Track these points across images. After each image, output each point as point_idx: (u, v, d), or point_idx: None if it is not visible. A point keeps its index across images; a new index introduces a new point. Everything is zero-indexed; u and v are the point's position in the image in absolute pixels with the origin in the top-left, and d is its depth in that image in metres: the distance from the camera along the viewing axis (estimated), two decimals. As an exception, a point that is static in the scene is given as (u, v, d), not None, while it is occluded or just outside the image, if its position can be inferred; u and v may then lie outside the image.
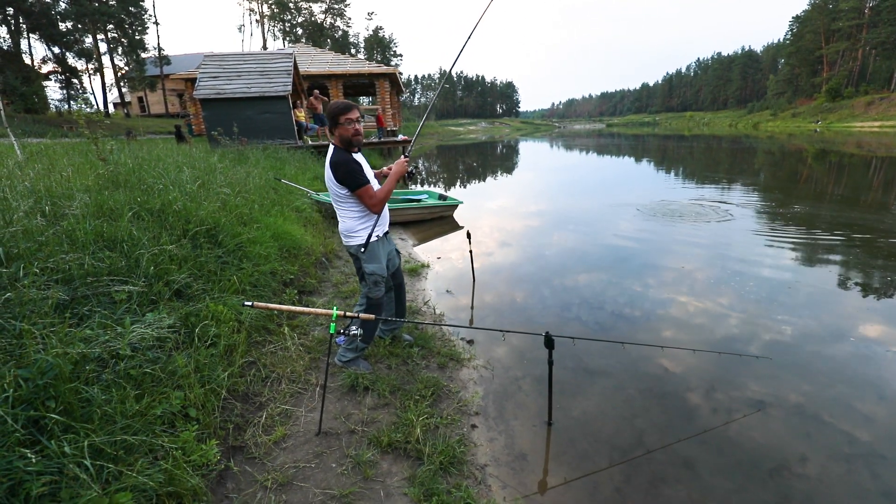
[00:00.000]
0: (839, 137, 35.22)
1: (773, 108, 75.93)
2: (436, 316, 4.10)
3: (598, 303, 4.53)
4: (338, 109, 2.64)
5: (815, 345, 3.63)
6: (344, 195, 2.71)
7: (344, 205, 2.78)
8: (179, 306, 2.81)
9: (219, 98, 12.14)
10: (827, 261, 5.78)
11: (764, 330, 3.88)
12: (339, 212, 2.85)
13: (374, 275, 2.89)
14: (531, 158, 26.67)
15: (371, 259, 2.86)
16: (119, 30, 37.70)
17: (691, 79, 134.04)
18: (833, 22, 66.77)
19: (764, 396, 2.99)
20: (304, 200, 7.00)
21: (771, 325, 3.97)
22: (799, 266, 5.57)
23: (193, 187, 4.06)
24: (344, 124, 2.63)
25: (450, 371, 3.17)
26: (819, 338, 3.75)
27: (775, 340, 3.70)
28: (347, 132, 2.64)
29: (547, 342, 2.49)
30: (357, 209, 2.76)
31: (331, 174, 2.67)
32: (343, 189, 2.68)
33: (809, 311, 4.24)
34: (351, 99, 30.02)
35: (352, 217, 2.80)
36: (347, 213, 2.80)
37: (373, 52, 68.35)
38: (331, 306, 3.98)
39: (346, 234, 2.86)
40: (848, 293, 4.71)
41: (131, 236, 3.04)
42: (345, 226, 2.85)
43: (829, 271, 5.35)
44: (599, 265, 5.74)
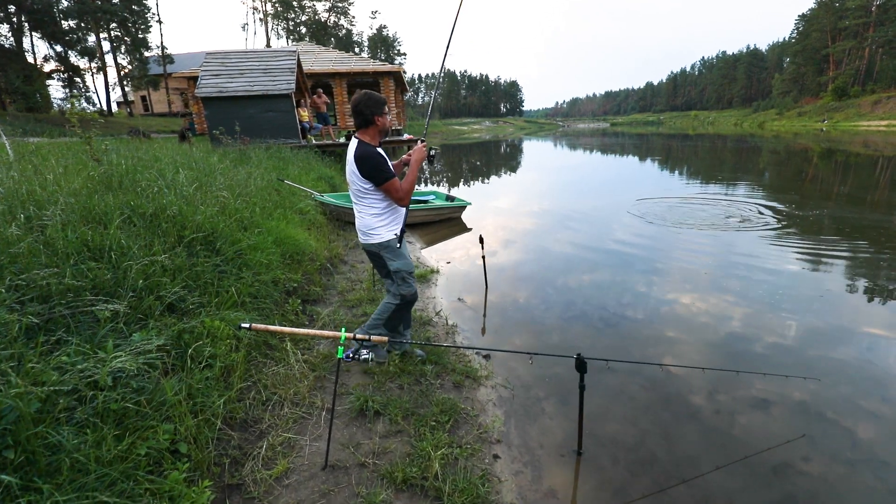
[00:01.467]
0: (846, 137, 34.77)
1: (778, 107, 75.24)
2: (448, 327, 3.84)
3: (619, 313, 4.26)
4: (381, 100, 2.63)
5: (868, 365, 3.33)
6: (368, 190, 2.65)
7: (366, 200, 2.70)
8: (173, 322, 2.57)
9: (221, 96, 11.89)
10: (861, 270, 5.48)
11: (810, 348, 3.57)
12: (360, 208, 2.75)
13: (401, 271, 2.84)
14: (536, 158, 26.36)
15: (397, 255, 2.81)
16: (122, 28, 37.54)
17: (696, 78, 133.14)
18: (840, 20, 66.09)
19: (811, 422, 2.72)
20: (308, 202, 6.75)
21: (816, 342, 3.66)
22: (834, 277, 5.23)
23: (190, 190, 3.81)
24: (386, 114, 2.66)
25: (466, 391, 2.91)
26: (872, 358, 3.44)
27: (823, 359, 3.40)
28: (387, 122, 2.68)
29: (579, 365, 2.23)
30: (380, 205, 2.70)
31: (355, 168, 2.61)
32: (368, 183, 2.62)
33: (857, 327, 3.95)
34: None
35: (373, 213, 2.73)
36: (369, 209, 2.72)
37: (377, 51, 68.09)
38: (336, 317, 3.75)
39: (366, 230, 2.78)
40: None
41: (120, 245, 2.79)
42: (364, 222, 2.77)
43: (870, 282, 5.01)
44: (616, 271, 5.47)
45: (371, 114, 2.62)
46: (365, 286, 4.56)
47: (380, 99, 2.65)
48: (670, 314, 4.23)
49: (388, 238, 2.78)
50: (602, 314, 4.26)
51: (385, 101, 2.68)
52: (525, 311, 4.34)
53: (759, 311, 4.22)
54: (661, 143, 33.89)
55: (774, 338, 3.73)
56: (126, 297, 2.39)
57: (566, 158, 24.92)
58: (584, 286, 5.00)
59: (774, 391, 2.98)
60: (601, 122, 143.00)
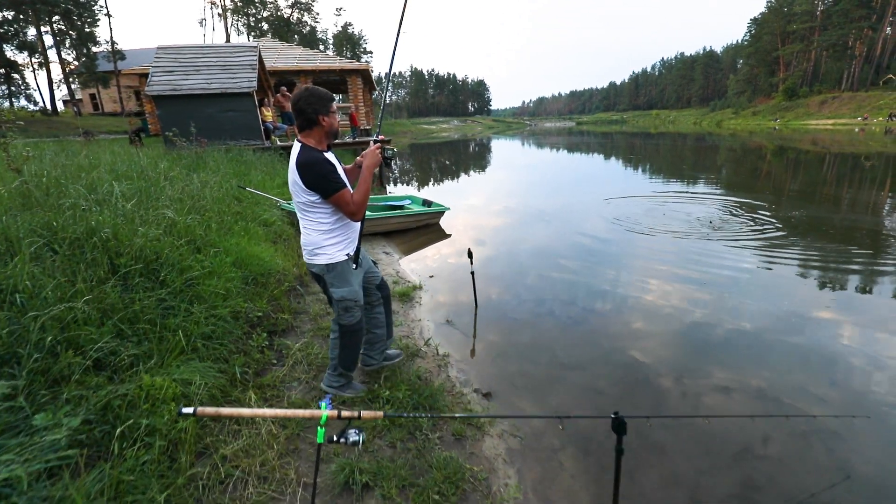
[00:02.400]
0: (796, 135, 36.48)
1: (734, 106, 78.59)
2: (440, 359, 3.38)
3: (632, 336, 3.92)
4: (327, 96, 2.24)
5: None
6: (314, 203, 2.25)
7: (311, 214, 2.31)
8: (100, 384, 2.01)
9: (175, 95, 10.95)
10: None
11: (854, 381, 3.20)
12: (304, 222, 2.36)
13: (344, 300, 2.43)
14: (507, 157, 26.19)
15: (342, 281, 2.39)
16: (66, 21, 34.95)
17: (656, 78, 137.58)
18: (788, 24, 69.62)
19: (872, 463, 2.43)
20: (274, 211, 6.14)
21: (860, 373, 3.27)
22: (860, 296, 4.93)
23: (128, 206, 3.19)
24: (334, 113, 2.27)
25: (469, 443, 2.47)
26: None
27: (868, 394, 3.04)
28: (335, 123, 2.29)
29: (616, 426, 1.82)
30: (328, 219, 2.31)
31: (297, 177, 2.21)
32: (314, 195, 2.23)
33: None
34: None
35: (319, 229, 2.33)
36: (314, 223, 2.32)
37: (342, 49, 66.56)
38: (310, 352, 3.16)
39: (311, 249, 2.38)
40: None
41: (28, 284, 2.19)
42: (310, 240, 2.37)
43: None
44: (616, 280, 5.16)
45: (314, 112, 2.21)
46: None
47: (324, 95, 2.24)
48: (692, 345, 3.86)
49: (339, 259, 2.37)
50: (598, 329, 3.92)
51: (332, 97, 2.28)
52: (523, 334, 3.93)
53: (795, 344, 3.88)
54: (630, 142, 34.49)
55: (816, 373, 3.36)
56: (28, 362, 1.82)
57: (537, 157, 24.85)
58: (580, 297, 4.65)
59: (822, 431, 2.66)
60: (567, 121, 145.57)
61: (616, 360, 3.48)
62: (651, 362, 3.42)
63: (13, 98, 35.09)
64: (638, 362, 3.43)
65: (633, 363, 3.43)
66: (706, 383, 3.15)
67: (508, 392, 3.05)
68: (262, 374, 2.90)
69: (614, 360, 3.49)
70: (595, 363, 3.44)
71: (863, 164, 16.12)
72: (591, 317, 4.25)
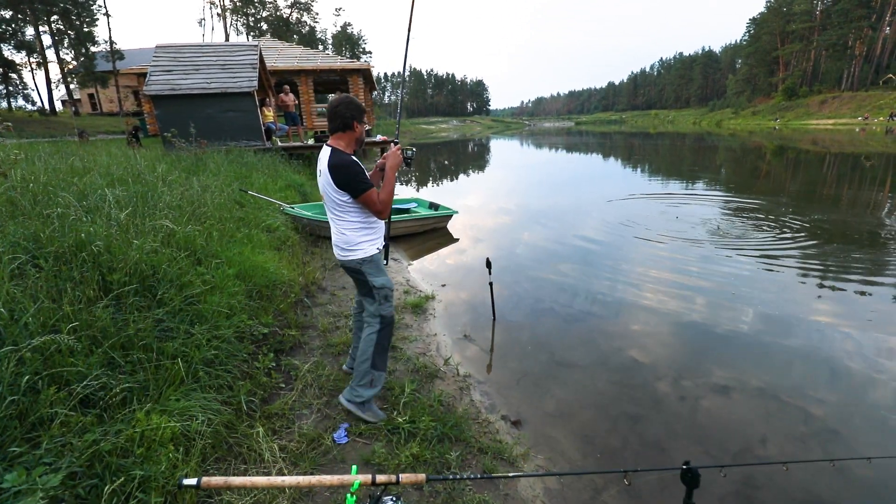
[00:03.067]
0: (796, 135, 36.34)
1: (733, 106, 78.45)
2: (460, 380, 3.12)
3: (676, 359, 3.67)
4: (363, 107, 2.41)
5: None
6: (344, 202, 2.37)
7: (343, 213, 2.42)
8: (88, 425, 1.75)
9: (173, 94, 10.67)
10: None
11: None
12: (337, 222, 2.47)
13: (384, 288, 2.56)
14: (507, 157, 25.94)
15: (378, 272, 2.55)
16: (64, 21, 34.61)
17: (655, 78, 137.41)
18: (787, 24, 69.49)
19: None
20: (278, 216, 5.87)
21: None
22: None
23: (121, 215, 2.91)
24: (365, 123, 2.44)
25: (503, 483, 2.21)
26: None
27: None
28: (363, 131, 2.45)
29: (688, 479, 1.56)
30: (359, 217, 2.43)
31: (329, 178, 2.33)
32: (345, 195, 2.35)
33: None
34: (322, 97, 28.46)
35: (352, 227, 2.44)
36: (347, 223, 2.44)
37: (341, 49, 66.25)
38: (321, 374, 2.84)
39: (345, 247, 2.49)
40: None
41: (10, 305, 1.93)
42: (343, 238, 2.47)
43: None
44: (638, 288, 4.90)
45: (351, 118, 2.36)
46: (350, 323, 3.77)
47: (361, 105, 2.43)
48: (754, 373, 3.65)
49: (372, 253, 2.50)
50: (640, 350, 3.66)
51: (365, 109, 2.46)
52: (546, 350, 3.67)
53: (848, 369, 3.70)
54: (629, 142, 34.27)
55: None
56: (3, 402, 1.56)
57: (536, 157, 24.62)
58: (602, 309, 4.39)
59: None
60: (566, 120, 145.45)
61: (655, 384, 3.22)
62: (706, 385, 3.17)
63: (11, 98, 34.77)
64: (687, 387, 3.18)
65: (681, 389, 3.17)
66: (783, 421, 2.89)
67: (539, 418, 2.79)
68: (269, 400, 2.64)
69: (651, 383, 3.23)
70: (630, 385, 3.18)
71: (869, 164, 15.89)
72: (618, 331, 4.00)
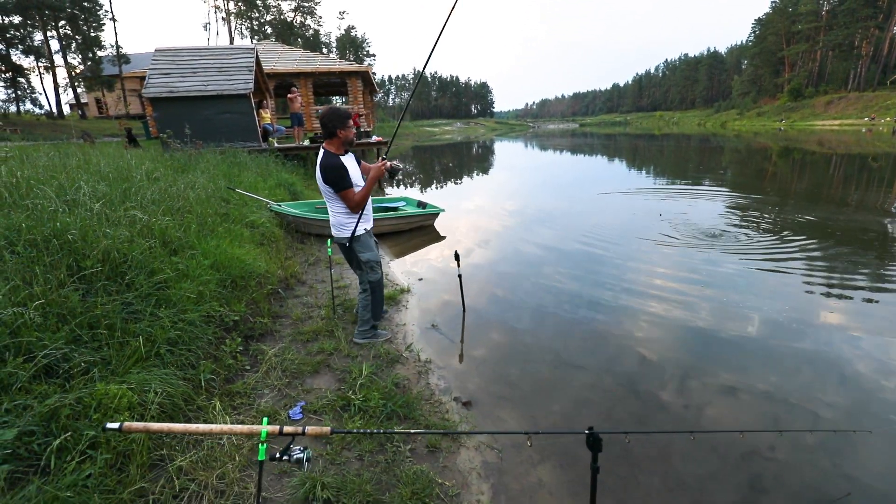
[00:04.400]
0: (802, 136, 36.12)
1: (738, 107, 78.05)
2: (421, 365, 3.26)
3: (624, 347, 3.79)
4: (345, 114, 3.03)
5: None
6: (332, 193, 3.06)
7: (333, 201, 3.12)
8: (49, 392, 1.91)
9: (171, 97, 10.93)
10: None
11: (859, 395, 3.02)
12: (330, 207, 3.17)
13: (370, 261, 3.32)
14: (509, 159, 26.07)
15: (364, 248, 3.27)
16: (71, 26, 35.25)
17: (660, 79, 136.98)
18: (793, 24, 69.12)
19: (868, 479, 2.28)
20: (263, 213, 6.05)
21: (866, 388, 3.08)
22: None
23: (96, 207, 3.09)
24: (350, 127, 3.05)
25: (443, 456, 2.34)
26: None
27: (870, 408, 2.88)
28: (350, 134, 3.07)
29: (591, 443, 1.70)
30: (343, 206, 3.10)
31: (320, 176, 3.02)
32: (331, 189, 3.03)
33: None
34: (322, 99, 28.78)
35: (340, 212, 3.15)
36: (336, 208, 3.14)
37: (345, 52, 66.78)
38: (286, 357, 3.03)
39: (337, 227, 3.19)
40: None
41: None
42: (336, 220, 3.20)
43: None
44: (614, 285, 5.02)
45: (334, 127, 3.01)
46: (324, 314, 3.94)
47: (343, 114, 3.02)
48: (684, 349, 3.77)
49: (360, 233, 3.20)
50: (601, 344, 3.79)
51: (349, 115, 3.05)
52: (511, 341, 3.81)
53: (789, 353, 3.82)
54: (633, 143, 34.28)
55: (812, 384, 3.22)
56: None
57: (539, 159, 24.72)
58: (573, 297, 4.52)
59: (819, 447, 2.52)
60: (570, 122, 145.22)
61: (608, 371, 3.34)
62: (644, 373, 3.29)
63: (20, 102, 35.40)
64: (631, 373, 3.30)
65: (626, 374, 3.30)
66: (701, 395, 3.01)
67: (490, 402, 2.92)
68: (232, 380, 2.80)
69: (606, 370, 3.36)
70: (585, 373, 3.31)
71: (876, 165, 15.85)
72: (584, 325, 4.12)
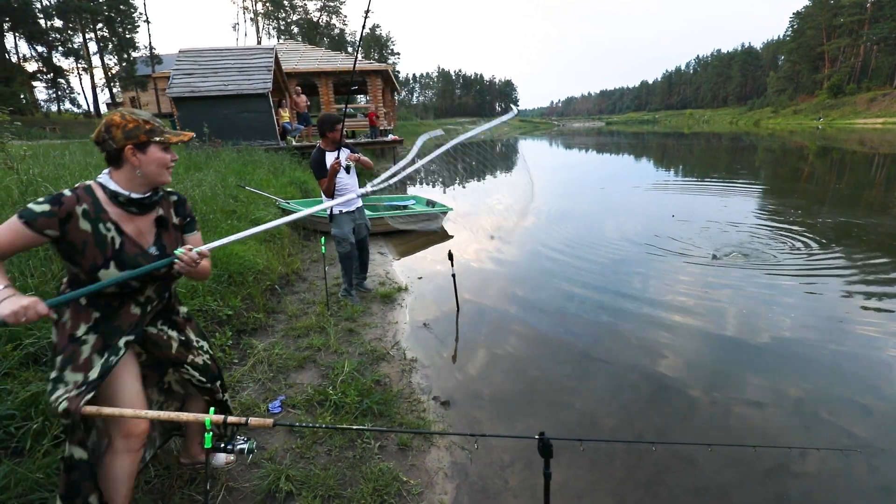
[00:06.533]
0: (841, 135, 34.46)
1: (773, 105, 75.08)
2: (406, 363, 3.29)
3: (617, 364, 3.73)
4: (334, 119, 3.93)
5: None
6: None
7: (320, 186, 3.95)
8: (32, 378, 2.02)
9: (193, 96, 11.31)
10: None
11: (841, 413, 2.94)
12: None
13: (336, 236, 4.08)
14: (533, 158, 25.84)
15: (336, 225, 4.05)
16: (109, 28, 36.82)
17: (691, 76, 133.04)
18: (834, 17, 65.93)
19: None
20: (271, 209, 6.19)
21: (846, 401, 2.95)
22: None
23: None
24: (337, 130, 3.85)
25: (413, 455, 2.36)
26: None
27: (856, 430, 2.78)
28: (336, 136, 3.84)
29: (543, 449, 1.68)
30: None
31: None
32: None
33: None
34: (343, 98, 29.16)
35: (325, 196, 3.92)
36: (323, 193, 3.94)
37: (370, 51, 67.42)
38: (274, 352, 3.10)
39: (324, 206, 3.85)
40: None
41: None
42: (323, 199, 4.00)
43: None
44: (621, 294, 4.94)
45: (323, 130, 3.92)
46: (318, 310, 4.01)
47: (332, 119, 3.92)
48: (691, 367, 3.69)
49: (336, 212, 4.00)
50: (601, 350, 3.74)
51: (338, 120, 3.90)
52: (503, 343, 3.79)
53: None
54: (661, 142, 33.44)
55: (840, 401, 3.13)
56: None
57: (565, 158, 24.41)
58: (577, 309, 4.47)
59: (801, 466, 2.43)
60: (596, 121, 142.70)
61: (597, 377, 3.30)
62: (637, 382, 3.23)
63: (60, 102, 37.24)
64: (620, 381, 3.25)
65: (615, 381, 3.25)
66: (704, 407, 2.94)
67: (469, 402, 2.92)
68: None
69: (597, 377, 3.31)
70: (577, 379, 3.27)
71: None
72: (581, 330, 4.07)
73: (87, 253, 1.38)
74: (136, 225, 1.50)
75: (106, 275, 1.40)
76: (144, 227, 1.53)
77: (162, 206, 1.59)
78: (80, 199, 1.38)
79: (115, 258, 1.42)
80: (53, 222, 1.33)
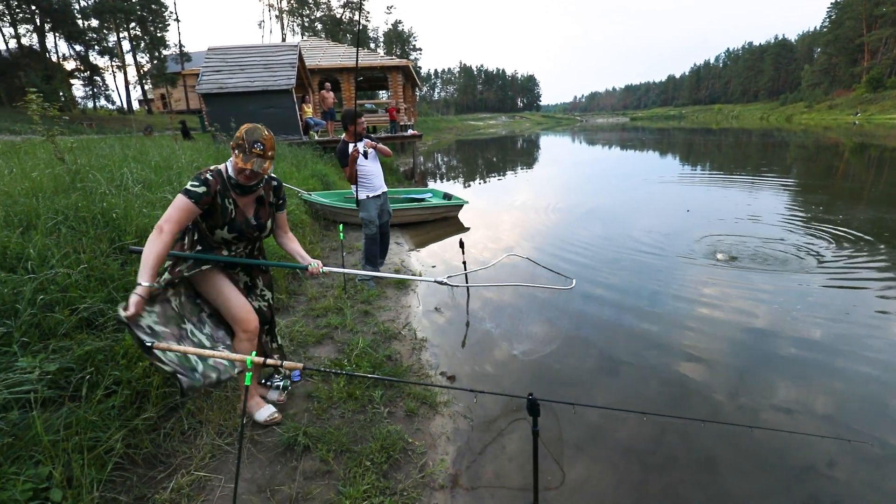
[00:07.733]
0: (881, 130, 32.97)
1: (807, 99, 72.20)
2: (416, 342, 3.51)
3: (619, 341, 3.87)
4: (357, 114, 4.24)
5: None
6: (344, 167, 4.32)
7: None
8: (86, 339, 2.31)
9: (221, 92, 11.76)
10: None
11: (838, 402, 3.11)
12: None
13: (364, 219, 4.43)
14: (551, 154, 25.72)
15: (363, 209, 4.40)
16: (141, 27, 38.14)
17: (720, 70, 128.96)
18: (876, 7, 62.83)
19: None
20: (293, 201, 6.49)
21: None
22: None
23: (136, 189, 3.57)
24: (359, 124, 4.25)
25: (419, 421, 2.58)
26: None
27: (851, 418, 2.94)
28: (359, 129, 4.26)
29: (531, 408, 1.87)
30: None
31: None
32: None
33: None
34: (365, 93, 29.53)
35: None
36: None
37: (392, 47, 67.85)
38: (295, 329, 3.42)
39: (353, 190, 4.35)
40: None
41: (41, 251, 2.55)
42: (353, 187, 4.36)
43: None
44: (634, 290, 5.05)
45: (345, 124, 4.33)
46: (336, 293, 4.27)
47: (353, 114, 4.24)
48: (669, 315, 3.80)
49: (363, 197, 4.36)
50: (592, 334, 3.88)
51: (360, 114, 4.28)
52: (510, 323, 3.97)
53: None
54: (691, 139, 32.75)
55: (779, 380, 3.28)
56: (24, 312, 2.14)
57: (591, 154, 24.22)
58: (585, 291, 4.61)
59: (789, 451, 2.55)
60: (620, 116, 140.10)
61: (602, 360, 3.45)
62: (649, 371, 3.37)
63: (95, 98, 38.80)
64: (631, 368, 3.39)
65: (625, 369, 3.39)
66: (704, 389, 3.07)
67: (475, 378, 3.12)
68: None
69: (600, 359, 3.46)
70: (575, 358, 3.43)
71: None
72: (585, 319, 4.21)
73: (214, 217, 2.03)
74: (243, 201, 2.12)
75: (220, 234, 2.07)
76: (248, 203, 2.15)
77: (263, 189, 2.17)
78: (216, 181, 1.97)
79: (229, 223, 2.06)
80: (208, 199, 1.95)
